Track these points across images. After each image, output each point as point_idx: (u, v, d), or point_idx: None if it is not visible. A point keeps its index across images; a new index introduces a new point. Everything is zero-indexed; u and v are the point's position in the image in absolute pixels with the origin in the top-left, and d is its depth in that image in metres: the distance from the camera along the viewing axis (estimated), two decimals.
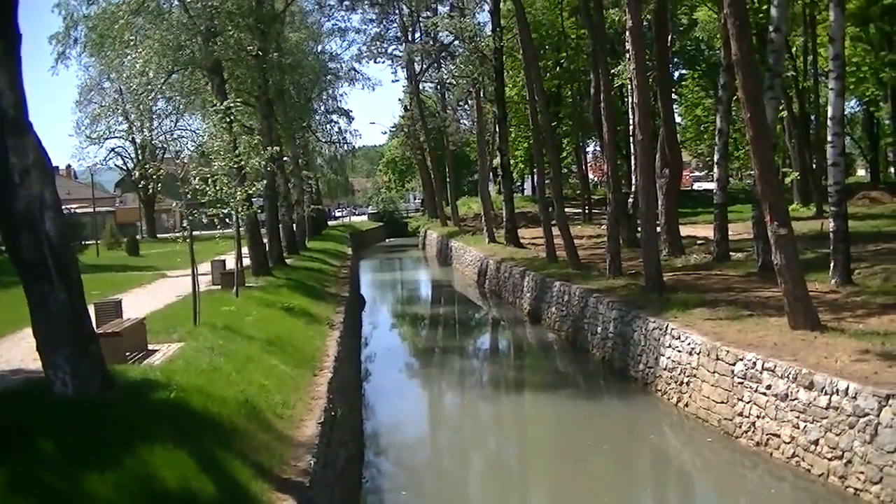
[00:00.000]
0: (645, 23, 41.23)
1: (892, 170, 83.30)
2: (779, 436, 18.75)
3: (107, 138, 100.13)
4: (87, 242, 73.55)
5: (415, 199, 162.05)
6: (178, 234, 30.55)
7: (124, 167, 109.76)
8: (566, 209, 48.97)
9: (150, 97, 44.25)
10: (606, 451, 22.57)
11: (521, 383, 32.39)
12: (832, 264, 28.20)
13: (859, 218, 47.19)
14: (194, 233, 26.00)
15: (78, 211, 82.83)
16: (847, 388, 16.79)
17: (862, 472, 16.17)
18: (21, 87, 13.04)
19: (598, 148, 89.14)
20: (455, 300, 59.45)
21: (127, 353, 19.53)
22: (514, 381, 33.23)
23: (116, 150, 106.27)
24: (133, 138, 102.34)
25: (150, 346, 21.57)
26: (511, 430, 26.87)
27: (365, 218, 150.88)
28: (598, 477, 20.60)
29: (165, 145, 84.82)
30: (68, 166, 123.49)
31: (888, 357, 18.14)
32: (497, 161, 71.17)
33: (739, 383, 20.43)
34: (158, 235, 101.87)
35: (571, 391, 29.55)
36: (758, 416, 19.60)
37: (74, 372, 13.34)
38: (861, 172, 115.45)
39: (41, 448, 11.05)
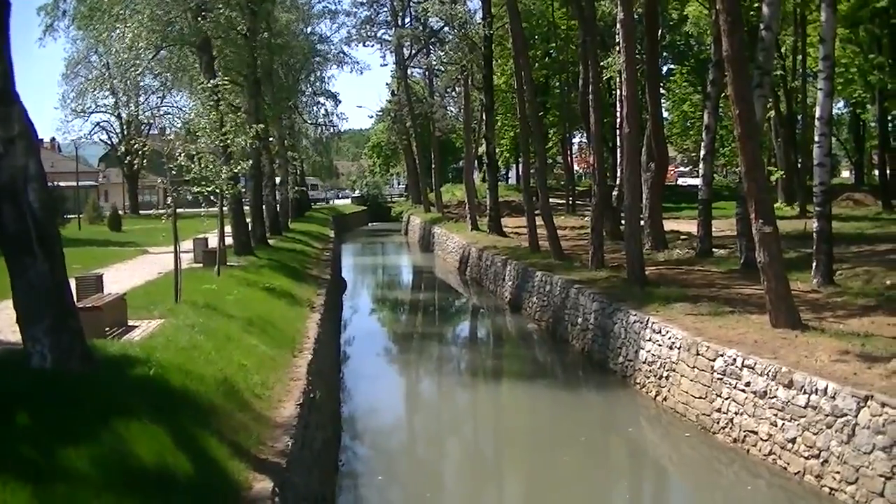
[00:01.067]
0: (636, 16, 41.09)
1: (876, 172, 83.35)
2: (756, 433, 18.80)
3: (92, 112, 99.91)
4: (69, 216, 73.23)
5: (399, 184, 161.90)
6: (161, 211, 30.38)
7: (109, 142, 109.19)
8: (550, 200, 48.94)
9: (137, 72, 44.03)
10: (583, 442, 22.59)
11: (500, 372, 32.39)
12: (815, 264, 28.26)
13: (843, 219, 47.35)
14: (178, 210, 25.83)
15: (61, 185, 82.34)
16: (826, 388, 16.83)
17: (838, 472, 16.22)
18: (8, 56, 12.91)
19: (583, 139, 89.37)
20: (436, 286, 59.44)
21: (107, 329, 19.44)
22: (492, 369, 33.23)
23: (102, 124, 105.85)
24: (119, 113, 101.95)
25: (131, 322, 21.46)
26: (487, 418, 26.87)
27: (348, 201, 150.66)
28: (573, 468, 20.61)
29: (151, 121, 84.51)
30: (52, 139, 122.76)
31: (868, 358, 18.19)
32: (482, 149, 71.24)
33: (719, 379, 20.46)
34: (141, 212, 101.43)
35: (550, 381, 29.56)
36: (736, 413, 19.64)
37: (53, 345, 13.23)
38: (845, 174, 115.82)
39: (17, 421, 10.95)
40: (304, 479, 14.68)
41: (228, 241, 37.99)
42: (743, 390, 19.41)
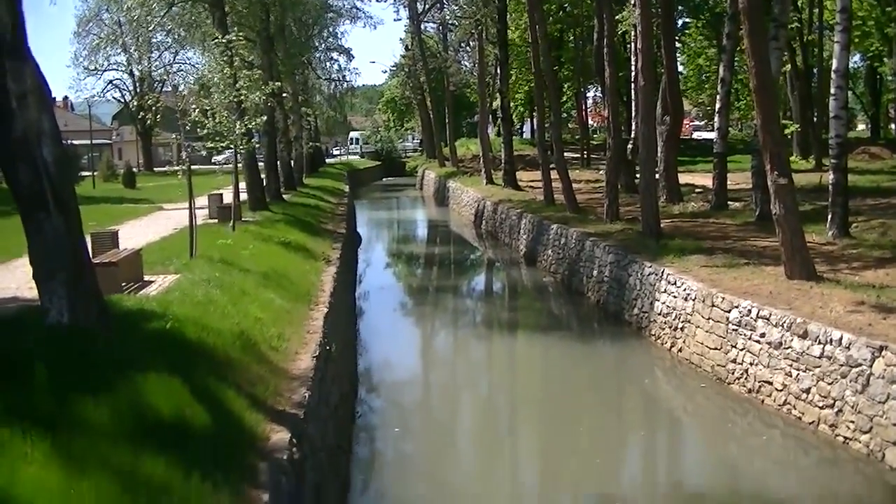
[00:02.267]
0: None
1: (892, 126, 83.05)
2: (771, 383, 18.83)
3: (105, 70, 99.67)
4: (83, 174, 73.29)
5: (413, 139, 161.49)
6: (176, 168, 30.44)
7: (122, 100, 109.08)
8: (565, 153, 48.83)
9: (149, 29, 43.93)
10: (598, 394, 22.69)
11: (515, 325, 32.45)
12: (830, 217, 28.18)
13: (858, 172, 47.11)
14: (192, 167, 25.86)
15: (75, 143, 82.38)
16: (841, 339, 16.84)
17: (852, 422, 16.26)
18: (20, 10, 12.88)
19: (598, 93, 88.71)
20: (451, 240, 59.47)
21: (123, 284, 19.54)
22: (507, 322, 33.29)
23: (114, 82, 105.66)
24: (131, 70, 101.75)
25: (146, 278, 21.57)
26: (503, 371, 26.96)
27: (363, 157, 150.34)
28: (588, 419, 20.70)
29: (164, 78, 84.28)
30: (65, 98, 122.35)
31: (883, 309, 18.18)
32: (497, 103, 70.93)
33: (734, 330, 20.48)
34: (155, 169, 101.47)
35: (565, 333, 29.63)
36: (751, 364, 19.66)
37: (70, 301, 13.28)
38: (861, 127, 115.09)
39: (35, 375, 11.04)
40: (320, 430, 14.78)
41: (243, 196, 38.03)
42: (758, 341, 19.43)
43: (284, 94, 50.67)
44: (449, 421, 22.22)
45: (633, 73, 42.99)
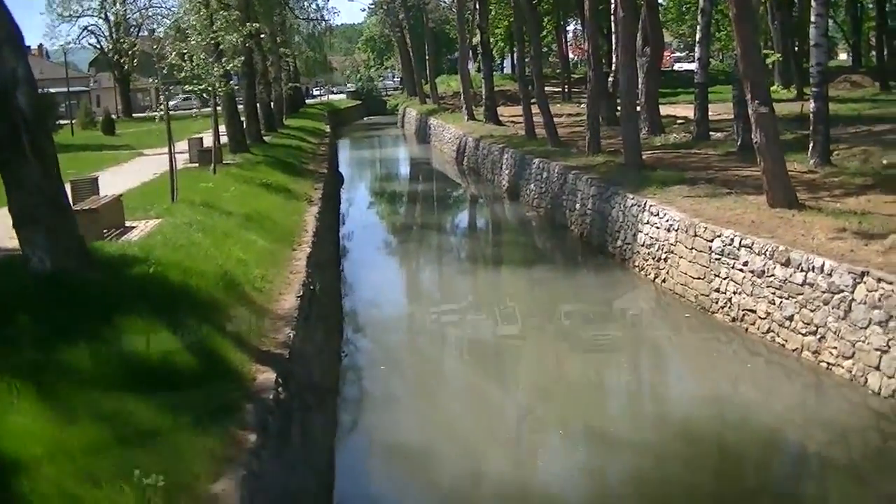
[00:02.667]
0: None
1: (873, 54, 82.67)
2: (755, 311, 18.93)
3: (79, 16, 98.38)
4: (61, 122, 72.67)
5: (393, 77, 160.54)
6: (154, 112, 30.23)
7: (98, 46, 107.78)
8: (546, 88, 48.63)
9: None
10: (583, 325, 22.77)
11: (499, 259, 32.52)
12: (811, 145, 28.16)
13: (840, 101, 47.00)
14: (171, 112, 25.68)
15: (52, 91, 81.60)
16: (823, 266, 16.92)
17: (835, 348, 16.38)
18: None
19: (578, 27, 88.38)
20: (433, 177, 59.40)
21: (104, 230, 19.46)
22: (492, 257, 33.37)
23: (90, 28, 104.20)
24: (106, 15, 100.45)
25: (128, 223, 21.50)
26: (488, 306, 27.00)
27: (343, 96, 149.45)
28: (573, 351, 20.81)
29: (140, 22, 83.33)
30: (40, 45, 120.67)
31: (864, 236, 18.23)
32: (477, 39, 70.55)
33: (717, 260, 20.55)
34: (134, 115, 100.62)
35: (549, 267, 29.71)
36: (734, 293, 19.76)
37: (51, 248, 13.25)
38: (843, 56, 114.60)
39: (18, 323, 11.03)
40: (306, 369, 14.83)
41: (223, 139, 37.83)
42: (741, 270, 19.51)
43: (262, 35, 50.22)
44: (435, 357, 22.28)
45: (612, 6, 42.78)
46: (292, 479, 11.18)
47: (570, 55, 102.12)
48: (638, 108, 36.72)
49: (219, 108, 34.94)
